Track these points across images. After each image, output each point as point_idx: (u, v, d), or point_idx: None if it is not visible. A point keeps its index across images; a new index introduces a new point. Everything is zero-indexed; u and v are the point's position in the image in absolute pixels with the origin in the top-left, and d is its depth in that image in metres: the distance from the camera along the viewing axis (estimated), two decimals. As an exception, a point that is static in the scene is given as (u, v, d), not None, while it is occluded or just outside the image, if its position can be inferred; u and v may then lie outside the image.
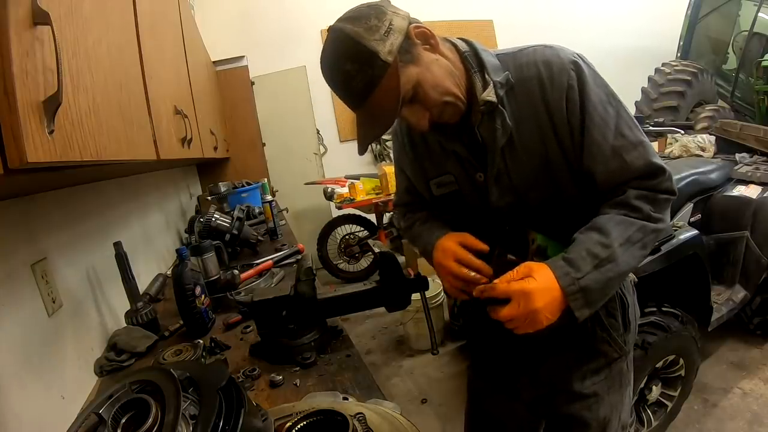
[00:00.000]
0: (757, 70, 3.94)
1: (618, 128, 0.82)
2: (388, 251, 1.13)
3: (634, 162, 0.82)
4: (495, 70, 0.85)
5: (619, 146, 0.82)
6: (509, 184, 0.89)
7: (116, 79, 0.89)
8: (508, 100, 0.85)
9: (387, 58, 0.75)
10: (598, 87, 0.83)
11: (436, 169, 0.98)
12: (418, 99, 0.81)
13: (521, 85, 0.85)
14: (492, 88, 0.84)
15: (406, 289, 1.12)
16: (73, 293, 1.20)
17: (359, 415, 0.67)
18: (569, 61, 0.83)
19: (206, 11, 4.10)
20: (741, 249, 2.29)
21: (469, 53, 0.87)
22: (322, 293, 1.15)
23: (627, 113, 0.85)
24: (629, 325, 0.99)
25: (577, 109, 0.82)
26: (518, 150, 0.87)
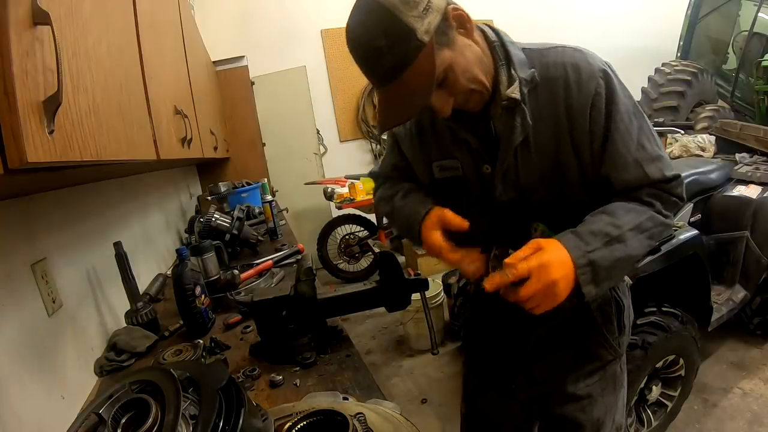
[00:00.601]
0: (757, 70, 3.94)
1: (640, 140, 0.83)
2: (388, 251, 1.13)
3: (652, 173, 0.84)
4: (521, 66, 0.83)
5: (640, 158, 0.83)
6: (515, 182, 0.89)
7: (116, 79, 0.89)
8: (530, 98, 0.84)
9: (423, 37, 0.70)
10: (625, 98, 0.83)
11: (441, 153, 0.95)
12: (447, 84, 0.78)
13: (546, 84, 0.84)
14: (517, 84, 0.82)
15: (406, 289, 1.12)
16: (73, 293, 1.20)
17: (359, 415, 0.67)
18: (599, 69, 0.82)
19: (206, 11, 4.10)
20: (741, 249, 2.30)
21: (497, 44, 0.85)
22: (322, 293, 1.15)
23: (648, 126, 0.86)
24: (624, 327, 1.00)
25: (601, 117, 0.82)
26: (531, 149, 0.86)
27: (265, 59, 4.52)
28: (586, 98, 0.82)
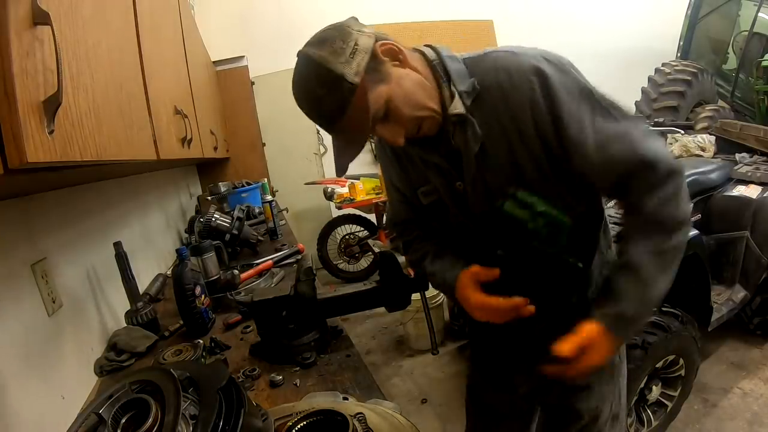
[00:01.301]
0: (757, 70, 3.94)
1: (595, 123, 0.80)
2: (388, 251, 1.13)
3: (620, 154, 0.80)
4: (460, 79, 0.83)
5: (601, 140, 0.80)
6: (484, 190, 0.89)
7: (116, 79, 0.89)
8: (476, 107, 0.83)
9: (354, 79, 0.74)
10: (565, 86, 0.80)
11: (419, 180, 0.97)
12: (391, 116, 0.80)
13: (485, 93, 0.83)
14: (458, 98, 0.83)
15: (406, 289, 1.13)
16: (73, 293, 1.20)
17: (359, 415, 0.67)
18: (530, 68, 0.80)
19: (206, 11, 4.10)
20: (741, 249, 2.30)
21: (437, 62, 0.85)
22: (322, 293, 1.15)
23: (607, 104, 0.82)
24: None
25: (545, 114, 0.80)
26: (490, 156, 0.86)
27: (265, 59, 4.52)
28: (522, 100, 0.80)
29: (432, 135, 0.87)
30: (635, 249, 0.83)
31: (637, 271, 0.82)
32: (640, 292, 0.82)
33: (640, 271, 0.82)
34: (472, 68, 0.85)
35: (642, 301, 0.83)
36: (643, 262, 0.82)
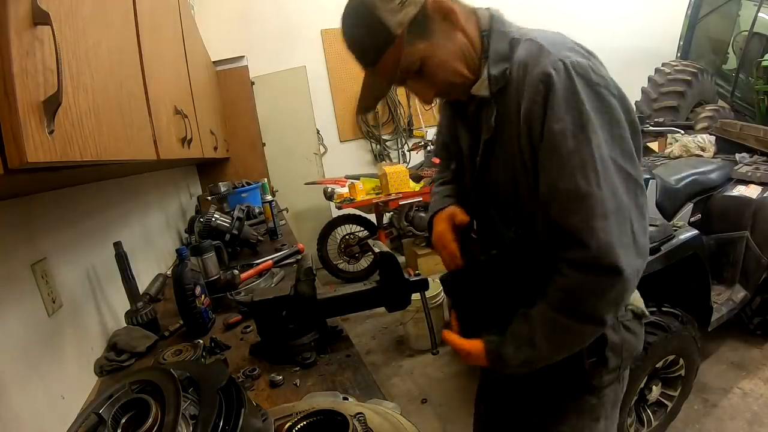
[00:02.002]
0: (757, 70, 3.94)
1: (571, 169, 0.70)
2: (388, 251, 1.13)
3: (568, 216, 0.71)
4: (496, 62, 0.78)
5: (563, 190, 0.71)
6: (489, 179, 0.88)
7: (116, 79, 0.89)
8: (501, 95, 0.79)
9: (396, 30, 0.73)
10: (568, 109, 0.70)
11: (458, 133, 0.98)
12: (424, 74, 0.80)
13: (511, 84, 0.78)
14: (485, 80, 0.79)
15: (406, 289, 1.12)
16: (73, 293, 1.20)
17: (359, 415, 0.67)
18: (542, 72, 0.71)
19: (206, 11, 4.10)
20: (741, 249, 2.30)
21: (486, 34, 0.81)
22: (322, 293, 1.15)
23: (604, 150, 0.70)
24: (606, 362, 0.90)
25: (539, 128, 0.73)
26: (497, 149, 0.83)
27: (265, 59, 4.52)
28: (525, 108, 0.74)
29: (465, 102, 0.86)
30: (539, 307, 0.78)
31: (530, 328, 0.79)
32: (524, 347, 0.80)
33: (533, 331, 0.79)
34: (515, 49, 0.79)
35: (523, 354, 0.80)
36: (538, 325, 0.78)
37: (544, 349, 0.79)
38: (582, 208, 0.70)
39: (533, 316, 0.79)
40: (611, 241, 0.69)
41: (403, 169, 4.04)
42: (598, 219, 0.69)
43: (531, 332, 0.79)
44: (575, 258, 0.72)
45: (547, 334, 0.78)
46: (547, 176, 0.74)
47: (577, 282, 0.73)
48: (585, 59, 0.73)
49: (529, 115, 0.73)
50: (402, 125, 5.14)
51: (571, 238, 0.71)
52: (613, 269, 0.70)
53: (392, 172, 3.92)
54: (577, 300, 0.74)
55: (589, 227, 0.69)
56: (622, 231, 0.70)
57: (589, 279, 0.72)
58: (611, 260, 0.69)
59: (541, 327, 0.78)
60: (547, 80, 0.71)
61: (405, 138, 5.17)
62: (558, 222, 0.73)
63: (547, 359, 0.81)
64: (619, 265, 0.69)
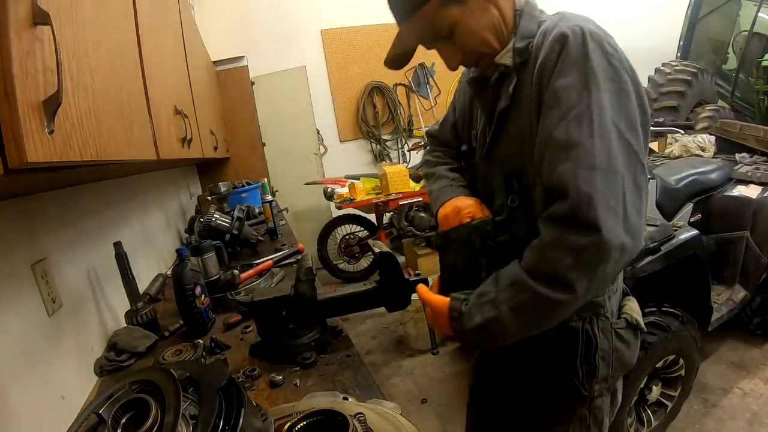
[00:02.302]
0: (757, 70, 3.94)
1: (568, 120, 0.69)
2: (388, 251, 1.13)
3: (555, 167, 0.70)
4: (523, 37, 0.81)
5: (555, 140, 0.70)
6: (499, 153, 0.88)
7: (116, 79, 0.89)
8: (524, 68, 0.81)
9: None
10: (578, 67, 0.70)
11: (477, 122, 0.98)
12: (453, 39, 0.82)
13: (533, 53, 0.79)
14: (509, 51, 0.81)
15: (406, 289, 1.12)
16: (73, 293, 1.20)
17: (359, 415, 0.67)
18: (559, 33, 0.73)
19: (206, 11, 4.10)
20: (741, 249, 2.30)
21: (519, 13, 0.84)
22: (322, 293, 1.15)
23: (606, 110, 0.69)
24: (596, 369, 0.88)
25: (546, 83, 0.74)
26: (512, 120, 0.84)
27: (265, 59, 4.52)
28: (539, 64, 0.75)
29: (488, 75, 0.87)
30: (510, 267, 0.76)
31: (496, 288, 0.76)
32: (486, 307, 0.76)
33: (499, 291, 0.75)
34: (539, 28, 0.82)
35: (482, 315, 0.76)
36: (504, 285, 0.75)
37: (507, 314, 0.73)
38: (569, 157, 0.68)
39: (501, 276, 0.77)
40: (591, 195, 0.65)
41: (403, 169, 4.04)
42: (583, 169, 0.67)
43: (496, 292, 0.75)
44: (553, 212, 0.70)
45: (513, 297, 0.73)
46: (544, 129, 0.73)
47: (551, 238, 0.69)
48: (603, 33, 0.74)
49: (541, 71, 0.75)
50: (402, 125, 5.14)
51: (554, 191, 0.70)
52: (590, 225, 0.65)
53: (392, 172, 3.92)
54: (546, 258, 0.70)
55: (573, 175, 0.67)
56: (609, 192, 0.66)
57: (562, 235, 0.68)
58: (588, 214, 0.65)
59: (508, 287, 0.74)
60: (562, 40, 0.73)
61: (405, 138, 5.17)
62: (546, 176, 0.72)
63: (506, 329, 0.75)
64: (597, 222, 0.65)
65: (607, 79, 0.70)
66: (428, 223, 4.20)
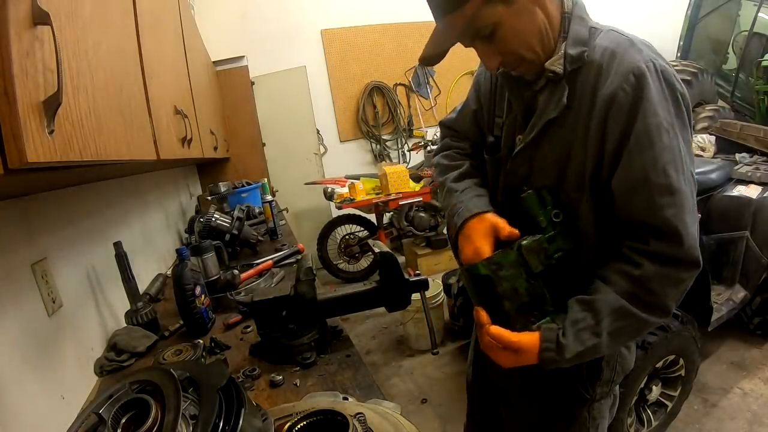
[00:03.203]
0: (757, 70, 3.94)
1: (664, 163, 0.73)
2: (388, 251, 1.13)
3: (661, 209, 0.73)
4: (575, 42, 0.79)
5: (656, 184, 0.73)
6: (531, 158, 0.86)
7: (116, 79, 0.89)
8: (575, 77, 0.80)
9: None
10: (661, 107, 0.73)
11: (500, 110, 0.96)
12: (495, 40, 0.78)
13: (589, 66, 0.79)
14: (561, 58, 0.79)
15: (406, 289, 1.12)
16: (73, 293, 1.20)
17: (359, 415, 0.67)
18: (636, 65, 0.73)
19: (206, 11, 4.10)
20: (741, 249, 2.30)
21: (568, 15, 0.81)
22: (322, 293, 1.15)
23: (685, 154, 0.75)
24: (600, 373, 0.91)
25: (623, 118, 0.74)
26: (556, 130, 0.82)
27: (265, 59, 4.52)
28: (610, 91, 0.75)
29: (528, 78, 0.85)
30: (605, 295, 0.77)
31: (594, 316, 0.77)
32: (586, 336, 0.77)
33: (599, 319, 0.77)
34: (593, 37, 0.81)
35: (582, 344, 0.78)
36: (604, 314, 0.77)
37: (606, 339, 0.77)
38: (675, 202, 0.73)
39: (598, 305, 0.77)
40: (696, 236, 0.75)
41: (403, 169, 4.04)
42: (688, 213, 0.74)
43: (596, 321, 0.77)
44: (660, 251, 0.74)
45: (613, 323, 0.77)
46: (635, 169, 0.74)
47: (656, 273, 0.74)
48: (668, 66, 0.77)
49: (613, 100, 0.75)
50: (402, 125, 5.14)
51: (658, 232, 0.74)
52: (696, 262, 0.75)
53: (392, 172, 3.92)
54: (650, 290, 0.75)
55: (682, 221, 0.73)
56: (697, 227, 0.76)
57: (669, 271, 0.74)
58: (696, 254, 0.74)
59: (609, 316, 0.77)
60: (640, 75, 0.73)
61: (405, 138, 5.17)
62: (642, 215, 0.75)
63: (601, 351, 0.79)
64: (699, 260, 0.75)
65: (678, 117, 0.75)
66: (428, 223, 4.20)
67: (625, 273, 0.77)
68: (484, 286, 0.84)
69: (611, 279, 0.78)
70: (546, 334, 0.79)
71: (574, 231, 0.82)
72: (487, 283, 0.83)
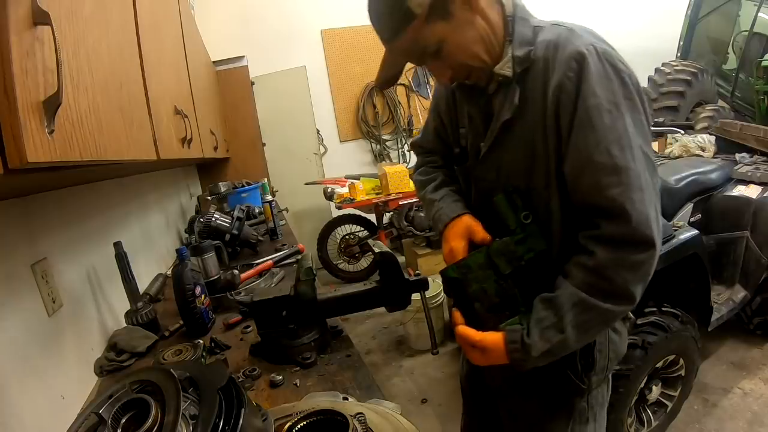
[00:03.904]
0: (757, 70, 3.94)
1: (607, 143, 0.73)
2: (388, 251, 1.13)
3: (606, 189, 0.73)
4: (521, 44, 0.81)
5: (599, 163, 0.73)
6: (499, 162, 0.87)
7: (116, 79, 0.89)
8: (524, 77, 0.81)
9: (416, 9, 0.74)
10: (602, 88, 0.74)
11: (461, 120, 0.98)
12: (442, 56, 0.80)
13: (536, 64, 0.80)
14: (509, 61, 0.81)
15: (406, 289, 1.12)
16: (73, 293, 1.20)
17: (359, 415, 0.67)
18: (576, 51, 0.75)
19: (206, 11, 4.10)
20: (741, 249, 2.30)
21: (510, 19, 0.83)
22: (322, 293, 1.15)
23: (633, 133, 0.74)
24: (594, 362, 0.91)
25: (570, 104, 0.75)
26: (515, 131, 0.84)
27: (265, 59, 4.52)
28: (556, 81, 0.76)
29: (481, 85, 0.87)
30: (565, 290, 0.78)
31: (557, 312, 0.78)
32: (551, 334, 0.78)
33: (561, 315, 0.77)
34: (537, 35, 0.82)
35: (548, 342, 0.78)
36: (566, 309, 0.77)
37: (571, 334, 0.77)
38: (620, 181, 0.73)
39: (559, 301, 0.78)
40: (648, 214, 0.73)
41: (403, 169, 4.04)
42: (635, 191, 0.72)
43: (558, 317, 0.77)
44: (609, 233, 0.74)
45: (577, 317, 0.77)
46: (580, 151, 0.75)
47: (609, 260, 0.74)
48: (611, 49, 0.78)
49: (560, 89, 0.76)
50: (402, 125, 5.14)
51: (607, 213, 0.74)
52: (649, 241, 0.73)
53: (392, 172, 3.92)
54: (607, 278, 0.74)
55: (629, 198, 0.72)
56: (652, 208, 0.74)
57: (622, 254, 0.73)
58: (648, 232, 0.72)
59: (570, 311, 0.77)
60: (580, 59, 0.74)
61: (405, 138, 5.17)
62: (591, 197, 0.75)
63: (570, 347, 0.79)
64: (654, 238, 0.73)
65: (626, 98, 0.75)
66: (428, 223, 4.20)
67: (581, 264, 0.77)
68: (456, 288, 0.89)
69: (571, 272, 0.79)
70: (510, 336, 0.81)
71: (547, 230, 0.83)
72: (458, 285, 0.88)
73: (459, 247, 0.91)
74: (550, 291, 0.81)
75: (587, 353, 0.90)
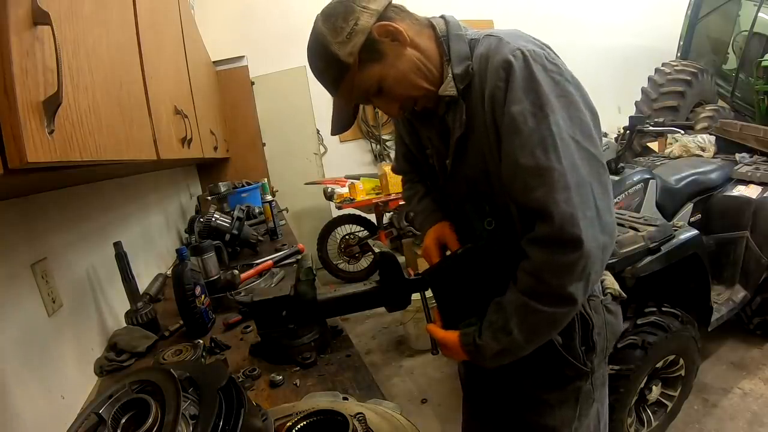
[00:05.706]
0: (757, 70, 3.94)
1: (531, 146, 0.73)
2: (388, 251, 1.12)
3: (532, 191, 0.74)
4: (458, 61, 0.83)
5: (525, 166, 0.74)
6: (464, 175, 0.90)
7: (116, 78, 0.89)
8: (468, 92, 0.83)
9: (347, 59, 0.79)
10: (527, 91, 0.74)
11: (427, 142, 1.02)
12: (384, 92, 0.84)
13: (475, 77, 0.82)
14: (451, 80, 0.83)
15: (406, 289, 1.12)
16: (73, 293, 1.20)
17: (359, 415, 0.67)
18: (503, 60, 0.76)
19: (206, 11, 4.10)
20: (741, 249, 2.30)
21: (444, 38, 0.85)
22: (322, 293, 1.15)
23: (564, 128, 0.73)
24: (594, 345, 0.92)
25: (501, 112, 0.77)
26: (469, 146, 0.86)
27: (265, 59, 4.52)
28: (490, 92, 0.78)
29: (432, 108, 0.89)
30: (510, 294, 0.80)
31: (503, 316, 0.80)
32: (500, 336, 0.80)
33: (507, 318, 0.79)
34: (473, 49, 0.84)
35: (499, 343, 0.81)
36: (510, 312, 0.79)
37: (519, 336, 0.78)
38: (543, 182, 0.72)
39: (505, 304, 0.81)
40: (573, 213, 0.71)
41: (403, 169, 4.04)
42: (559, 191, 0.72)
43: (505, 320, 0.80)
44: (539, 235, 0.74)
45: (521, 320, 0.78)
46: (509, 156, 0.77)
47: (542, 261, 0.74)
48: (540, 49, 0.78)
49: (492, 100, 0.78)
50: (402, 125, 5.14)
51: (537, 215, 0.74)
52: (575, 241, 0.71)
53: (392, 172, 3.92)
54: (544, 282, 0.74)
55: (552, 199, 0.72)
56: (584, 205, 0.72)
57: (553, 256, 0.73)
58: (573, 231, 0.71)
59: (514, 313, 0.78)
60: (507, 66, 0.76)
61: (405, 138, 5.17)
62: (522, 200, 0.77)
63: (523, 347, 0.80)
64: (580, 237, 0.71)
65: (556, 96, 0.75)
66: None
67: (522, 269, 0.78)
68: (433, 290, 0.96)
69: (517, 276, 0.80)
70: (463, 339, 0.86)
71: (513, 234, 0.84)
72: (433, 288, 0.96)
73: (433, 252, 1.01)
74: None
75: (587, 338, 0.92)
